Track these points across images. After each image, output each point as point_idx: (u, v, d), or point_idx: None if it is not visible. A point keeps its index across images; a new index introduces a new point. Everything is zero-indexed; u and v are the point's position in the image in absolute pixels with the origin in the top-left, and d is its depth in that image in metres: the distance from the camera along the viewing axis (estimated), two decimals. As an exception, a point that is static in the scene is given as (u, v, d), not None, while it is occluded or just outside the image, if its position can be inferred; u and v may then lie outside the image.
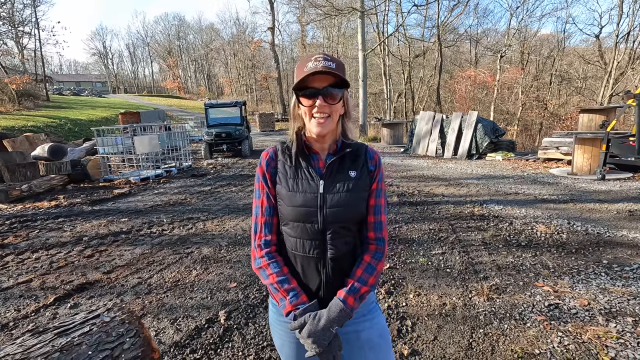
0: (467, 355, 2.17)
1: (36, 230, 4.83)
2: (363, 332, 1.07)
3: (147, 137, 9.01)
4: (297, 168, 1.05)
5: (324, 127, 0.99)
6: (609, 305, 2.61)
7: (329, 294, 1.02)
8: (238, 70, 45.74)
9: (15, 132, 13.93)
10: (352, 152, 1.07)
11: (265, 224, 1.06)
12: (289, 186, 1.03)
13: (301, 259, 1.03)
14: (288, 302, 0.99)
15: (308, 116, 1.00)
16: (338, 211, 1.00)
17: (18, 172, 7.52)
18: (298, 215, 1.01)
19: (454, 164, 9.70)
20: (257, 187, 1.09)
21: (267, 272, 1.02)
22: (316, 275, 1.03)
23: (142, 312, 2.75)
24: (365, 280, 1.01)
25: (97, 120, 20.93)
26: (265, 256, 1.04)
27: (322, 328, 0.93)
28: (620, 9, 18.59)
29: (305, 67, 0.96)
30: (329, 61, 0.96)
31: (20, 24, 26.34)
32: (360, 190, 1.03)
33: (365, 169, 1.07)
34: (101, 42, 76.84)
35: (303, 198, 1.01)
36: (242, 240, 4.26)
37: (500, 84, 23.24)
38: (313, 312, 0.96)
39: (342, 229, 1.02)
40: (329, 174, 1.03)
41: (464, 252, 3.70)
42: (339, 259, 1.02)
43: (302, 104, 0.99)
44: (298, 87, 0.98)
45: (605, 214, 4.77)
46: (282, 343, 1.11)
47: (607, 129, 6.91)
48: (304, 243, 1.02)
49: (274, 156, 1.09)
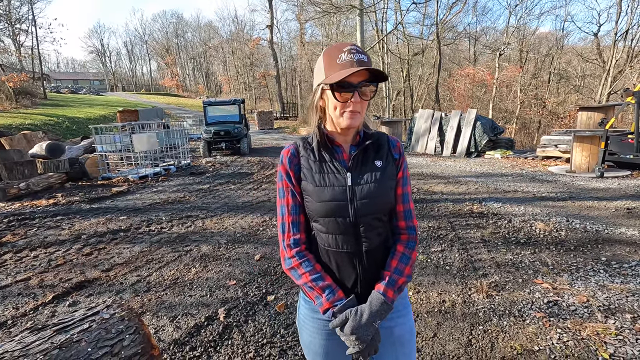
0: (467, 352, 2.17)
1: (34, 229, 4.81)
2: (396, 327, 1.06)
3: (146, 135, 8.98)
4: (321, 162, 1.02)
5: (355, 121, 0.96)
6: (608, 302, 2.61)
7: (365, 288, 1.01)
8: (236, 68, 45.59)
9: (13, 130, 13.87)
10: (374, 142, 1.04)
11: (293, 223, 1.03)
12: (315, 181, 1.00)
13: (335, 254, 1.01)
14: (325, 299, 0.96)
15: (339, 110, 0.96)
16: (369, 202, 0.98)
17: (16, 171, 7.48)
18: (328, 210, 0.98)
19: (453, 161, 9.71)
20: (280, 185, 1.05)
21: (299, 271, 1.00)
22: (352, 270, 1.01)
23: (141, 309, 2.74)
24: (402, 271, 1.00)
25: (95, 119, 20.85)
26: (296, 255, 1.01)
27: (365, 323, 0.92)
28: (619, 7, 18.60)
29: (339, 59, 0.92)
30: (362, 54, 0.92)
31: (17, 21, 26.19)
32: (387, 180, 1.02)
33: (390, 157, 1.05)
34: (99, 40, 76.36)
35: (331, 192, 0.98)
36: (241, 238, 4.25)
37: (499, 82, 23.25)
38: (354, 308, 0.94)
39: (374, 220, 1.00)
40: (355, 166, 1.01)
41: (463, 249, 3.70)
42: (373, 252, 1.01)
43: (337, 99, 0.94)
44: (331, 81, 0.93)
45: (603, 211, 4.79)
46: (311, 340, 1.09)
47: (606, 127, 6.93)
48: (336, 238, 1.00)
49: (296, 152, 1.06)
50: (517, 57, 26.17)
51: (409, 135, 12.61)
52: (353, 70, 0.88)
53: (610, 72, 18.53)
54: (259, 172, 8.93)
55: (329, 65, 0.94)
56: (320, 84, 0.97)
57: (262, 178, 8.16)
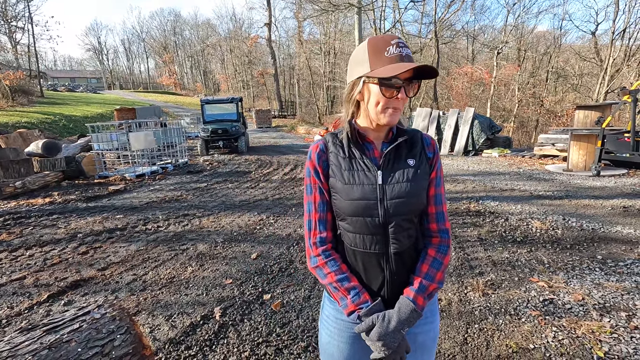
0: (462, 350, 2.17)
1: (30, 227, 4.79)
2: (420, 334, 1.02)
3: (143, 134, 8.94)
4: (351, 159, 0.98)
5: (395, 118, 0.92)
6: (603, 300, 2.62)
7: (392, 291, 0.97)
8: (234, 66, 45.44)
9: (9, 129, 13.79)
10: (408, 139, 0.99)
11: (320, 221, 1.00)
12: (344, 179, 0.96)
13: (362, 255, 0.97)
14: (350, 301, 0.93)
15: (382, 106, 0.90)
16: (400, 202, 0.93)
17: (12, 169, 7.44)
18: (357, 209, 0.94)
19: (451, 160, 9.71)
20: (307, 182, 1.02)
21: (325, 270, 0.97)
22: (379, 272, 0.97)
23: (137, 308, 2.73)
24: (433, 277, 0.96)
25: (92, 117, 20.76)
26: (322, 254, 0.98)
27: (393, 330, 0.88)
28: (616, 6, 18.61)
29: (387, 52, 0.87)
30: (409, 49, 0.88)
31: (13, 18, 25.98)
32: (420, 179, 0.97)
33: (424, 156, 1.00)
34: (96, 38, 76.05)
35: (361, 190, 0.94)
36: (237, 237, 4.24)
37: (497, 80, 23.26)
38: (381, 313, 0.91)
39: (404, 221, 0.95)
40: (387, 164, 0.96)
41: (459, 247, 3.70)
42: (402, 254, 0.97)
43: (384, 94, 0.89)
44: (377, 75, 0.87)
45: (600, 210, 4.80)
46: (328, 341, 1.06)
47: (603, 126, 6.94)
48: (364, 238, 0.96)
49: (325, 148, 1.01)
50: (515, 56, 26.19)
51: (406, 134, 12.60)
52: (409, 67, 0.83)
53: (608, 71, 18.57)
54: (256, 171, 8.91)
55: (375, 57, 0.88)
56: (363, 76, 0.91)
57: (260, 177, 8.14)
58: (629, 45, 18.72)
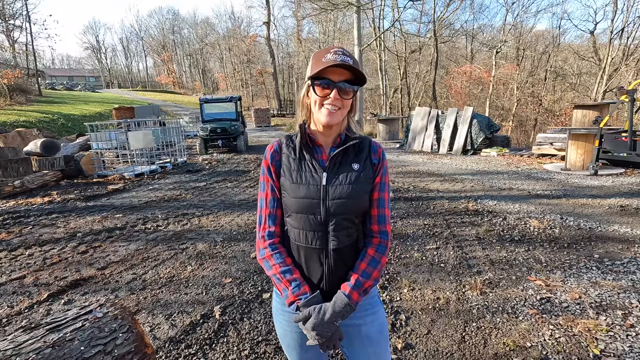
0: (460, 348, 2.19)
1: (29, 227, 4.79)
2: (363, 326, 1.09)
3: (142, 133, 8.93)
4: (301, 160, 1.06)
5: (332, 118, 1.00)
6: (600, 298, 2.65)
7: (331, 285, 1.04)
8: (233, 65, 45.39)
9: (7, 128, 13.75)
10: (355, 145, 1.07)
11: (269, 216, 1.07)
12: (292, 178, 1.04)
13: (304, 250, 1.04)
14: (290, 292, 1.00)
15: (318, 105, 1.00)
16: (340, 203, 1.01)
17: (10, 168, 7.42)
18: (301, 206, 1.02)
19: (449, 159, 9.74)
20: (262, 179, 1.10)
21: (271, 262, 1.03)
22: (318, 266, 1.04)
23: (137, 307, 2.75)
24: (369, 274, 1.03)
25: (90, 116, 20.71)
26: (269, 247, 1.05)
27: (326, 321, 0.95)
28: (615, 5, 18.67)
29: (324, 58, 0.97)
30: (347, 57, 0.97)
31: (11, 17, 25.86)
32: (362, 183, 1.04)
33: (369, 161, 1.07)
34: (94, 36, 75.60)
35: (306, 190, 1.02)
36: (237, 236, 4.25)
37: (496, 79, 23.30)
38: (317, 306, 0.98)
39: (344, 221, 1.03)
40: (332, 167, 1.04)
41: (458, 247, 3.72)
42: (341, 251, 1.03)
43: (317, 93, 0.99)
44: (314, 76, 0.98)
45: (597, 209, 4.83)
46: (284, 332, 1.13)
47: (600, 125, 6.97)
48: (306, 234, 1.03)
49: (279, 149, 1.10)
50: (514, 55, 26.24)
51: (405, 133, 12.62)
52: (331, 64, 0.93)
53: (606, 70, 18.62)
54: (255, 170, 8.92)
55: (315, 64, 0.99)
56: (306, 80, 1.03)
57: (259, 176, 8.14)
58: (627, 44, 18.78)
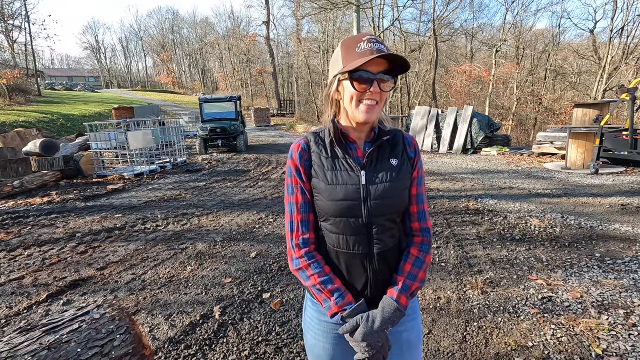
0: (461, 348, 2.18)
1: (28, 227, 4.77)
2: (405, 332, 1.03)
3: (141, 132, 8.91)
4: (334, 159, 0.97)
5: (372, 114, 0.91)
6: (601, 297, 2.63)
7: (376, 291, 0.97)
8: (233, 64, 45.32)
9: (6, 128, 13.73)
10: (390, 139, 1.00)
11: (302, 222, 0.98)
12: (327, 179, 0.95)
13: (345, 256, 0.96)
14: (333, 302, 0.93)
15: (355, 101, 0.90)
16: (383, 202, 0.93)
17: (9, 168, 7.40)
18: (340, 209, 0.93)
19: (449, 158, 9.73)
20: (289, 182, 1.00)
21: (308, 272, 0.95)
22: (362, 272, 0.96)
23: (136, 308, 2.73)
24: (415, 276, 0.97)
25: (90, 115, 20.67)
26: (305, 256, 0.97)
27: (377, 330, 0.88)
28: (614, 4, 18.63)
29: (358, 48, 0.87)
30: (382, 44, 0.88)
31: (10, 17, 25.81)
32: (403, 179, 0.97)
33: (406, 155, 1.00)
34: (93, 36, 75.68)
35: (344, 191, 0.93)
36: (236, 236, 4.24)
37: (496, 78, 23.26)
38: (365, 314, 0.91)
39: (387, 221, 0.95)
40: (370, 164, 0.96)
41: (458, 246, 3.71)
42: (385, 254, 0.97)
43: (355, 88, 0.89)
44: (349, 70, 0.89)
45: (598, 207, 4.81)
46: (314, 343, 1.05)
47: (601, 124, 6.95)
48: (347, 239, 0.95)
49: (307, 147, 1.00)
50: (514, 54, 26.21)
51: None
52: (373, 57, 0.84)
53: (606, 69, 18.60)
54: (255, 170, 8.90)
55: (346, 54, 0.89)
56: (337, 74, 0.92)
57: (259, 175, 8.13)
58: (627, 43, 18.76)
